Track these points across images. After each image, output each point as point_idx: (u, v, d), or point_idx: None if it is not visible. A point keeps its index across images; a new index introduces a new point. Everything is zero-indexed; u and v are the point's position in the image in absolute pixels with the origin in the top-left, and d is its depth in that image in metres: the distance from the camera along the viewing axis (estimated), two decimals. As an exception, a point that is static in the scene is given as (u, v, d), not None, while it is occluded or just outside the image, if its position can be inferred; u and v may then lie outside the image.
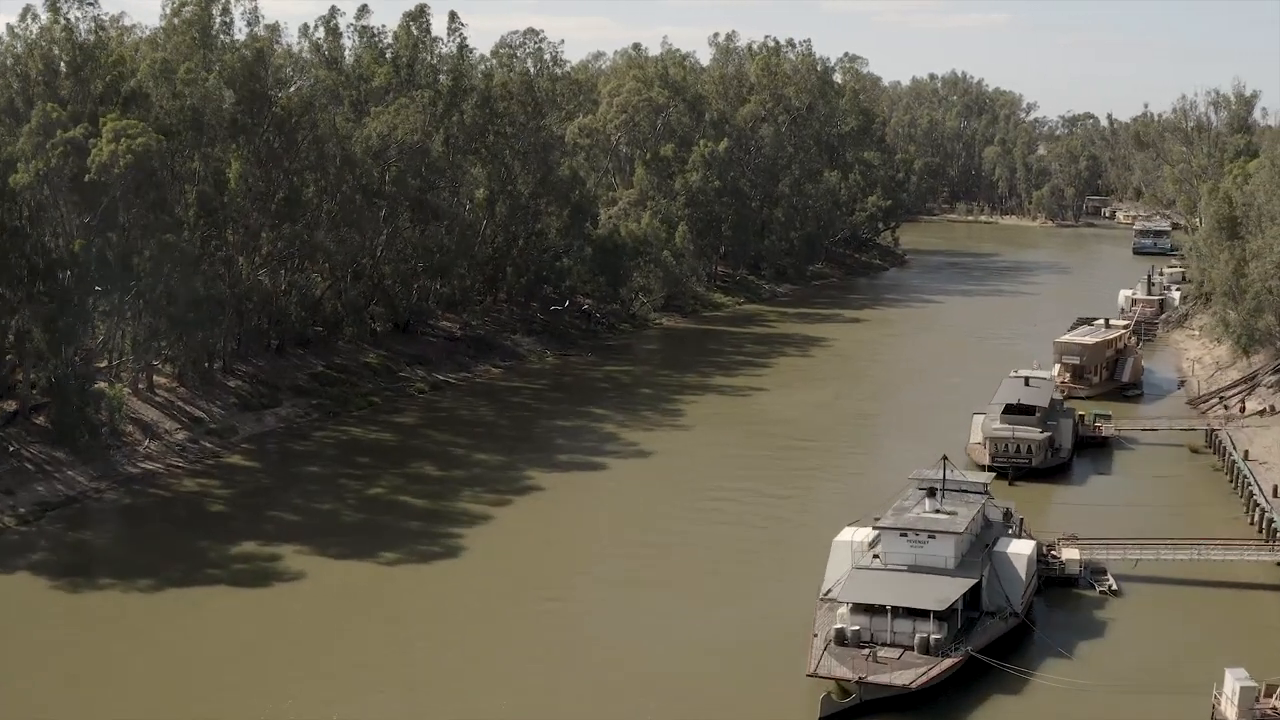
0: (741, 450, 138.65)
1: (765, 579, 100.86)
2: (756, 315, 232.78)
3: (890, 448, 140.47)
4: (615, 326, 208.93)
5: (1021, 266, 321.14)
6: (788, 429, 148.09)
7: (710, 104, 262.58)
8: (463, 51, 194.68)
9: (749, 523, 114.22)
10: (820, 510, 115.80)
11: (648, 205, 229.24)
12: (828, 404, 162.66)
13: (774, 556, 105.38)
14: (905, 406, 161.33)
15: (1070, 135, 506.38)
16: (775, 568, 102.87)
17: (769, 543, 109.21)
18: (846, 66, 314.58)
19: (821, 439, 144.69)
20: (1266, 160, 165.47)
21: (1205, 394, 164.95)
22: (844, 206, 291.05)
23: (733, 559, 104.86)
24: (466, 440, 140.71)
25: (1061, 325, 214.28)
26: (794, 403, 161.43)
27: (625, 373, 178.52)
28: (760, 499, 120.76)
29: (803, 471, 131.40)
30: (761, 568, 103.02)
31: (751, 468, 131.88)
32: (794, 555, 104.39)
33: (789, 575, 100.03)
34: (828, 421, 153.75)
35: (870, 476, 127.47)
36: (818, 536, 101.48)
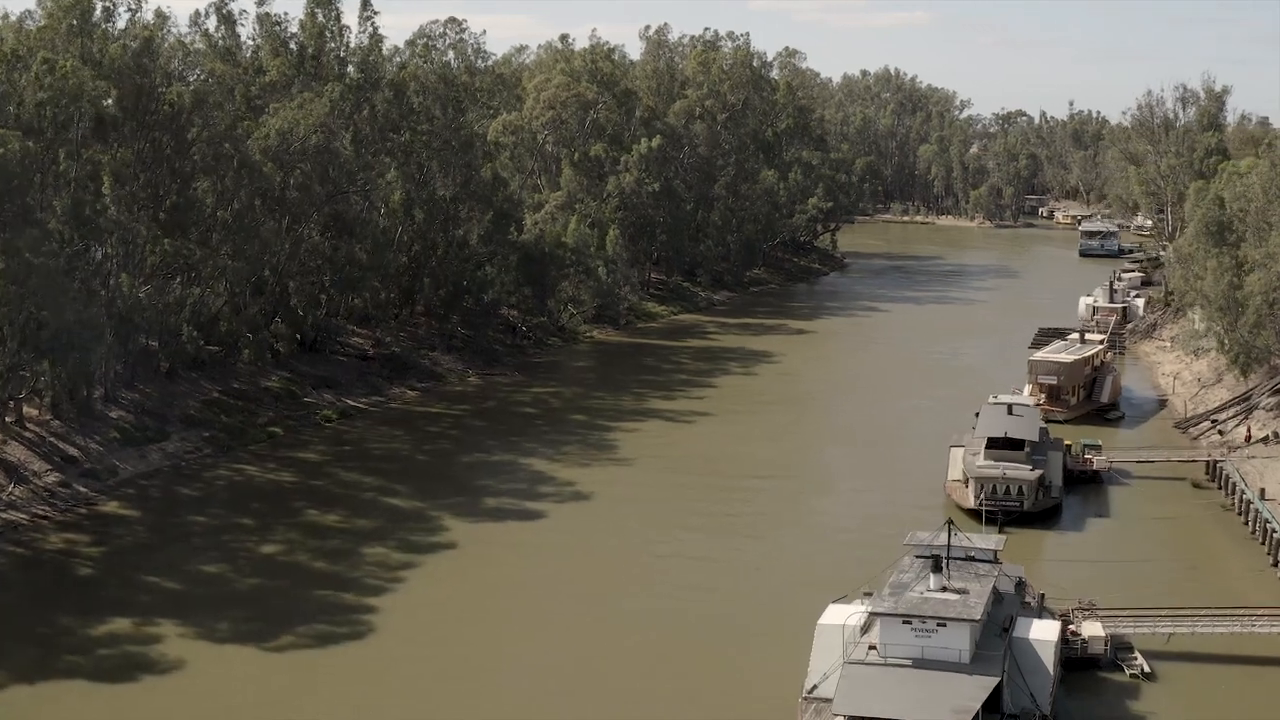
0: (690, 493, 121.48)
1: (732, 670, 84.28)
2: (694, 326, 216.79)
3: (860, 489, 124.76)
4: (543, 341, 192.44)
5: (966, 271, 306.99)
6: (739, 465, 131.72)
7: (641, 100, 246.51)
8: (375, 42, 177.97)
9: (707, 592, 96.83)
10: (791, 574, 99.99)
11: (576, 209, 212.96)
12: (781, 433, 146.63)
13: (741, 639, 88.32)
14: (868, 436, 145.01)
15: (1004, 133, 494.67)
16: (743, 653, 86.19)
17: (733, 620, 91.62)
18: (784, 61, 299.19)
19: (778, 477, 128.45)
20: (1266, 160, 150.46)
21: (1193, 416, 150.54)
22: (783, 208, 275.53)
23: (691, 643, 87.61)
24: (377, 481, 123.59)
25: (1021, 337, 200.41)
26: (743, 432, 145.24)
27: (555, 395, 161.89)
28: (718, 559, 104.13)
29: (763, 520, 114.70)
30: (726, 654, 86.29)
31: (704, 516, 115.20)
32: (765, 637, 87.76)
33: (761, 663, 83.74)
34: (783, 455, 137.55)
35: (843, 526, 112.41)
36: (793, 610, 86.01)
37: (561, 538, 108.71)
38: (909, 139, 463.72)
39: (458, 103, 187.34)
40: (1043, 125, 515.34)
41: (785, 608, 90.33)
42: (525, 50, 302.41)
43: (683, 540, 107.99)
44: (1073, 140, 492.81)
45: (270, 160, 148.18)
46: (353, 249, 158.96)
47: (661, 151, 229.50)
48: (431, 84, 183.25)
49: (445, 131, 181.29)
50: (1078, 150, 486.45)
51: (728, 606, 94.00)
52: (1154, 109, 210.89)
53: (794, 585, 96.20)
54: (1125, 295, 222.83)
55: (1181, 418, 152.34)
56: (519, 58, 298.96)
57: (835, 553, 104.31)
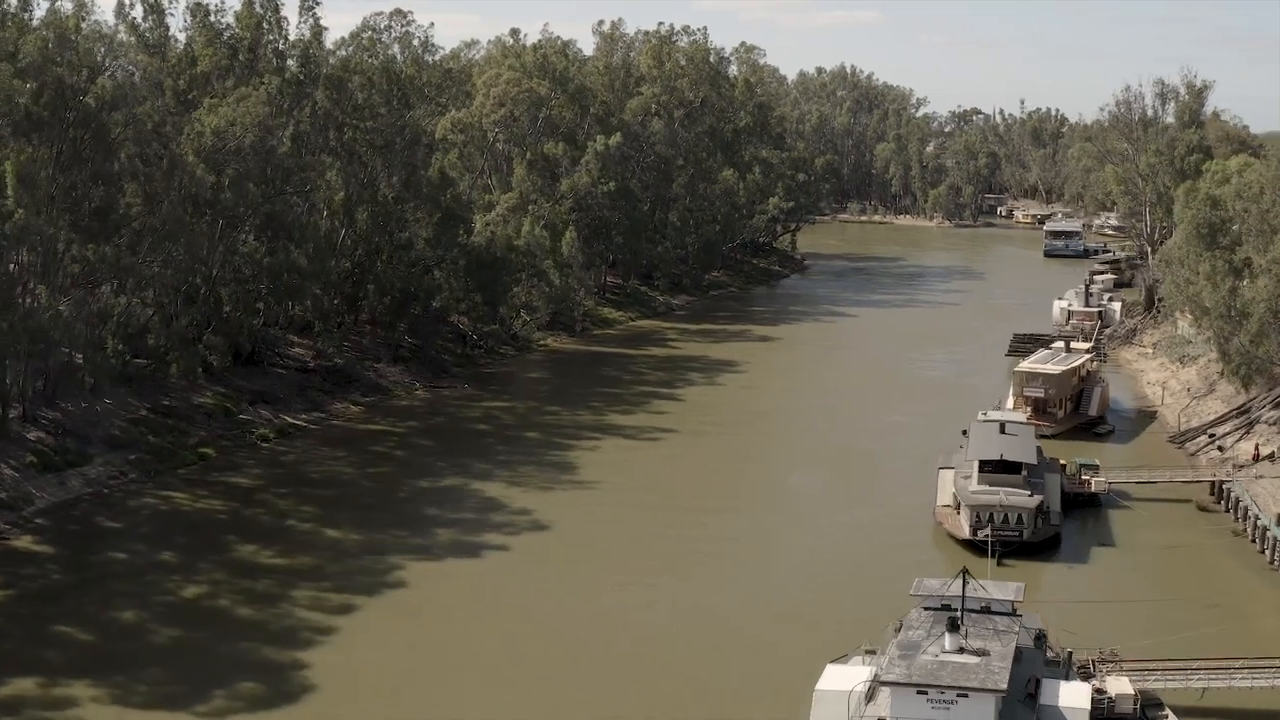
0: (656, 525, 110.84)
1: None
2: (653, 333, 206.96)
3: (841, 518, 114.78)
4: (495, 350, 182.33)
5: (930, 272, 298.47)
6: (708, 491, 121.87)
7: (596, 97, 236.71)
8: (316, 34, 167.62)
9: (680, 648, 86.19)
10: (775, 625, 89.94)
11: (529, 210, 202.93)
12: (751, 453, 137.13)
13: (724, 706, 77.90)
14: (845, 456, 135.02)
15: (962, 131, 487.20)
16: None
17: (713, 683, 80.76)
18: (742, 57, 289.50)
19: (751, 505, 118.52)
20: (1275, 159, 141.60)
21: (1188, 430, 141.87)
22: (742, 209, 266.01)
23: (667, 711, 77.42)
24: (315, 510, 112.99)
25: (995, 343, 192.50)
26: (711, 452, 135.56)
27: (508, 410, 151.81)
28: (690, 606, 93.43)
29: (738, 558, 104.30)
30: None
31: (672, 553, 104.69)
32: (753, 703, 77.36)
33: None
34: (755, 479, 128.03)
35: (826, 563, 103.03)
36: (783, 671, 76.95)
37: (518, 580, 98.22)
38: (866, 137, 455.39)
39: (403, 98, 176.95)
40: (1000, 123, 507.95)
41: (773, 668, 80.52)
42: (475, 45, 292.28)
43: (650, 584, 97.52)
44: (1031, 138, 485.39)
45: (203, 160, 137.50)
46: (291, 254, 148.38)
47: (619, 150, 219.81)
48: (375, 78, 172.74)
49: (390, 129, 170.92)
50: (1037, 149, 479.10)
51: (705, 666, 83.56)
52: (1132, 105, 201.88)
53: (779, 638, 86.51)
54: (1101, 298, 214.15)
55: (1175, 431, 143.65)
56: (468, 53, 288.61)
57: (822, 597, 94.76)
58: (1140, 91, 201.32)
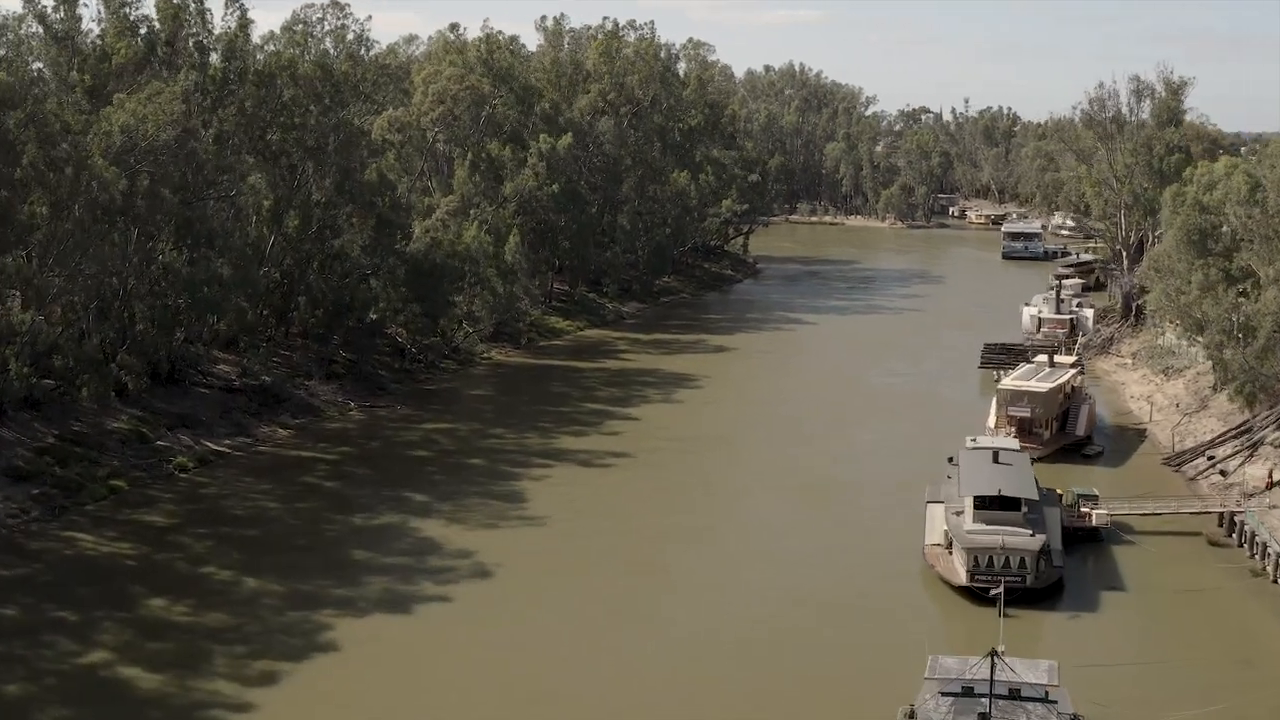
0: (615, 569, 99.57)
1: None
2: (603, 344, 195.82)
3: (817, 558, 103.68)
4: (435, 364, 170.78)
5: (887, 275, 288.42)
6: (670, 526, 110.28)
7: (542, 95, 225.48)
8: (244, 27, 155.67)
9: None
10: (758, 702, 78.91)
11: (471, 214, 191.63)
12: (713, 480, 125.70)
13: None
14: (816, 483, 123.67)
15: (913, 130, 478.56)
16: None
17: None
18: (691, 54, 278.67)
19: (718, 545, 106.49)
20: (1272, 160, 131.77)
21: (1184, 451, 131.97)
22: (694, 211, 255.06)
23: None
24: (235, 554, 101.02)
25: (965, 353, 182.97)
26: (669, 480, 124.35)
27: (449, 432, 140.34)
28: (656, 673, 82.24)
29: (706, 611, 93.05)
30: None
31: (634, 606, 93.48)
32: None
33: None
34: (719, 510, 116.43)
35: (808, 621, 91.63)
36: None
37: (459, 640, 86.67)
38: (815, 137, 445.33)
39: (337, 96, 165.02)
40: (951, 122, 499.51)
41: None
42: (415, 41, 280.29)
43: (611, 645, 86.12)
44: (984, 137, 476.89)
45: (113, 162, 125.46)
46: (213, 264, 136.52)
47: (567, 150, 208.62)
48: (307, 74, 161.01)
49: (322, 128, 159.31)
50: (989, 148, 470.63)
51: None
52: (1105, 103, 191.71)
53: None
54: (1072, 305, 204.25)
55: (1170, 452, 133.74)
56: (408, 49, 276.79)
57: (809, 662, 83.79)
58: (1115, 88, 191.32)
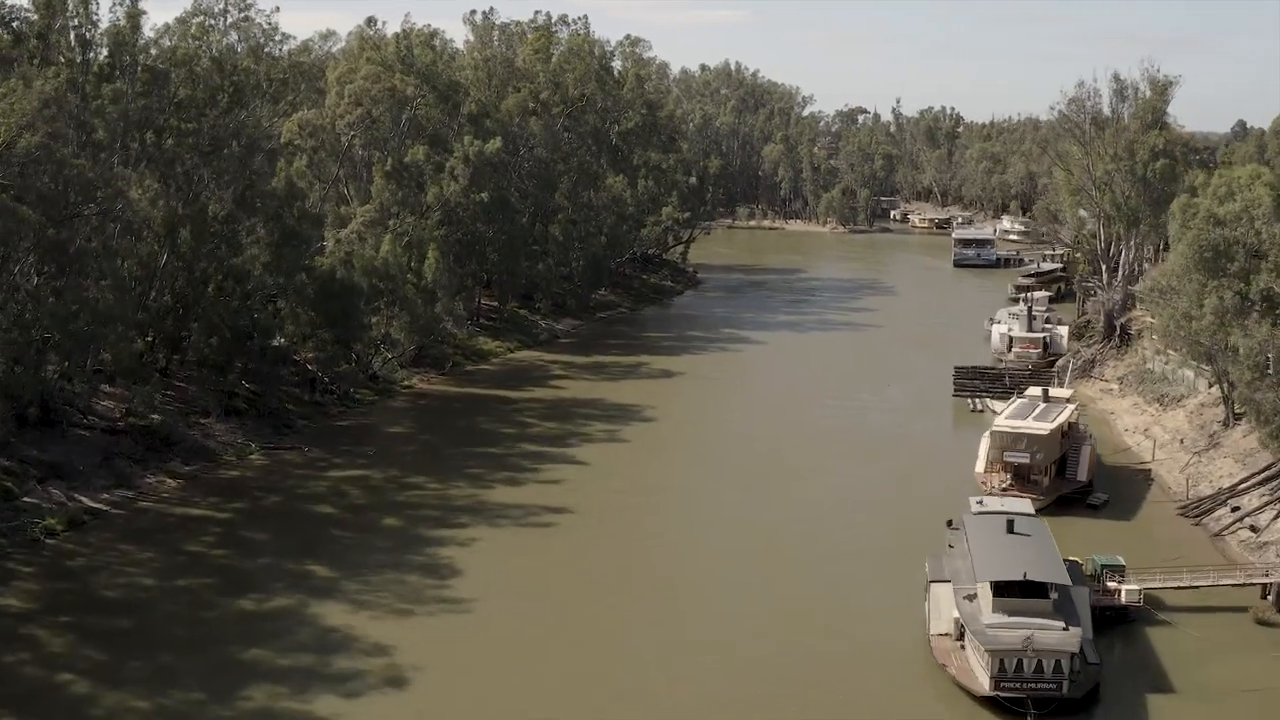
0: (559, 674, 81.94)
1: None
2: (536, 368, 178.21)
3: (798, 653, 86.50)
4: (349, 396, 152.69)
5: (835, 286, 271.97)
6: (619, 614, 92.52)
7: (468, 94, 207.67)
8: (134, 19, 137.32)
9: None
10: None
11: (390, 225, 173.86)
12: (671, 545, 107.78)
13: None
14: (790, 548, 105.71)
15: (851, 131, 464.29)
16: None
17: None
18: (627, 51, 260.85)
19: (677, 635, 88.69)
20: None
21: (1201, 499, 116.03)
22: (631, 219, 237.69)
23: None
24: (96, 655, 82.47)
25: (933, 378, 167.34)
26: (617, 546, 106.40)
27: (361, 481, 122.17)
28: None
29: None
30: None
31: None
32: None
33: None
34: (674, 589, 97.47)
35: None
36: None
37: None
38: (752, 138, 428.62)
39: (239, 96, 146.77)
40: (892, 122, 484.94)
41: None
42: (333, 37, 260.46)
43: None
44: (926, 138, 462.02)
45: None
46: (87, 292, 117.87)
47: (495, 154, 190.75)
48: (204, 72, 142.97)
49: (222, 131, 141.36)
50: (932, 149, 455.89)
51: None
52: (1084, 104, 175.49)
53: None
54: (1044, 322, 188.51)
55: (1184, 500, 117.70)
56: (324, 45, 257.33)
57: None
58: (1095, 88, 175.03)
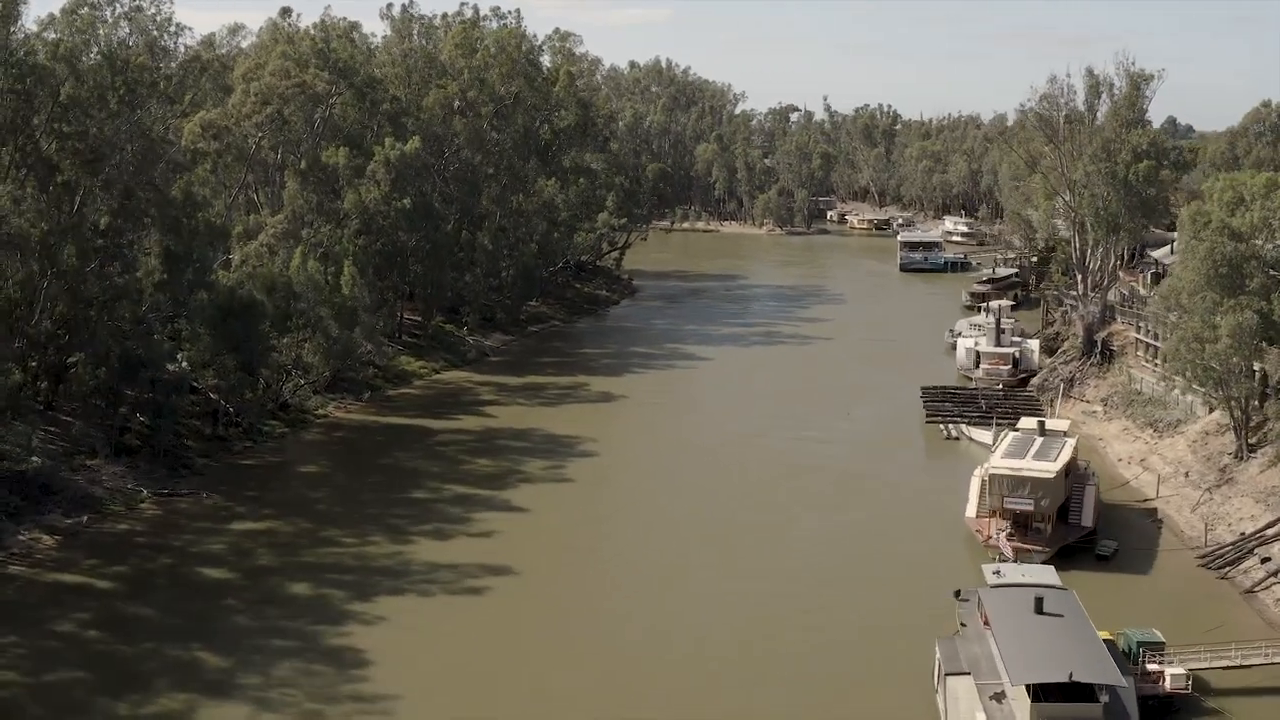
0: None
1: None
2: (464, 391, 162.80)
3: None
4: (256, 428, 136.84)
5: (779, 294, 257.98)
6: (575, 709, 78.14)
7: (388, 92, 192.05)
8: (10, 9, 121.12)
9: None
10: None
11: (304, 235, 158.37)
12: (624, 620, 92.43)
13: None
14: (764, 640, 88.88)
15: (784, 130, 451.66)
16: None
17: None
18: (557, 46, 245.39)
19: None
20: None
21: (1223, 546, 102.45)
22: (563, 225, 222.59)
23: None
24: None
25: (899, 402, 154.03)
26: (566, 621, 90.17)
27: (266, 536, 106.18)
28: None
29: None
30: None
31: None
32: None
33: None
34: (641, 682, 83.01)
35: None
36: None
37: None
38: (684, 137, 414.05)
39: (131, 95, 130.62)
40: (826, 121, 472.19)
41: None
42: (242, 31, 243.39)
43: None
44: (863, 137, 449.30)
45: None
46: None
47: (417, 156, 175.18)
48: (91, 68, 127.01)
49: (113, 134, 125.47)
50: (869, 148, 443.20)
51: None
52: (1057, 100, 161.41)
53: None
54: (1013, 335, 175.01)
55: (1203, 547, 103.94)
56: (233, 40, 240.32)
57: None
58: (1070, 83, 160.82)
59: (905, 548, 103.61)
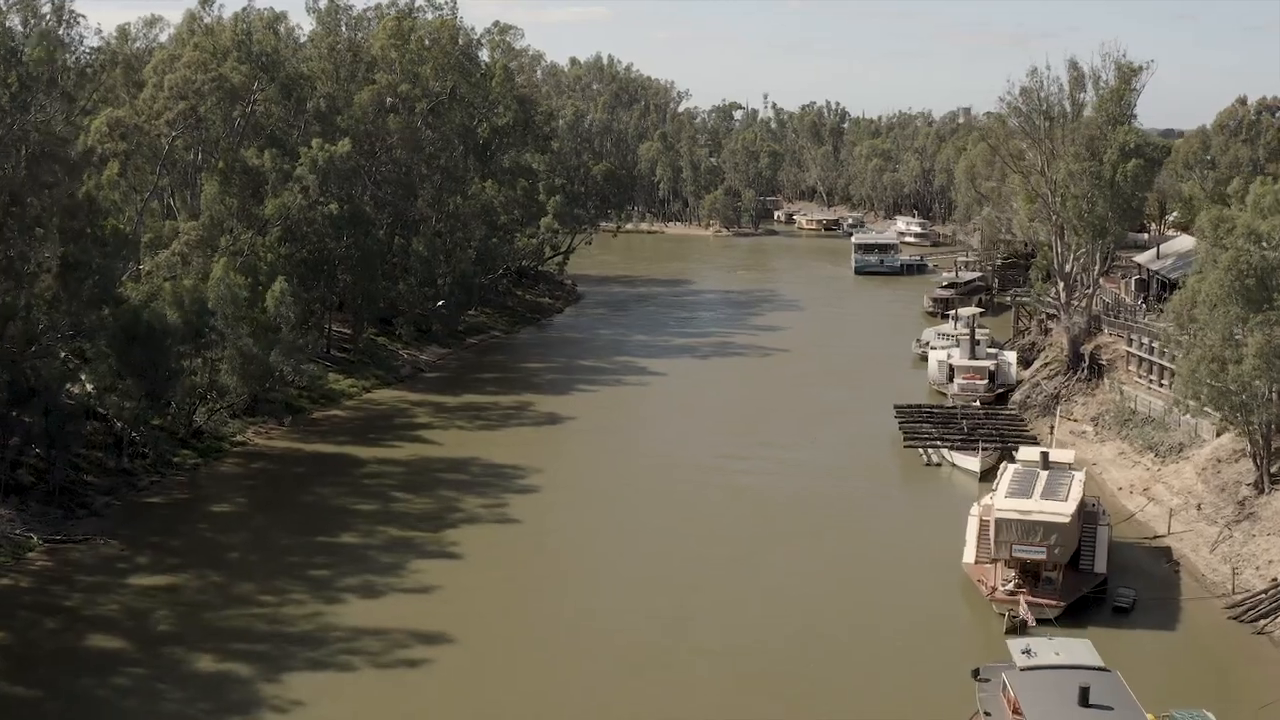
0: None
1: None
2: (398, 413, 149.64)
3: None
4: (166, 459, 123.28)
5: (730, 300, 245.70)
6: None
7: (316, 88, 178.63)
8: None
9: None
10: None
11: (223, 243, 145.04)
12: (578, 695, 79.61)
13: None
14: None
15: (728, 129, 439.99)
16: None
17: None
18: (496, 40, 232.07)
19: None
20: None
21: (1256, 595, 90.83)
22: (504, 229, 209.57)
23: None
24: None
25: (859, 421, 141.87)
26: (512, 706, 78.30)
27: (170, 594, 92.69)
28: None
29: None
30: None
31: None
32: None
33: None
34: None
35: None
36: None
37: None
38: (627, 136, 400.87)
39: (25, 92, 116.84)
40: (772, 119, 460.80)
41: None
42: (159, 23, 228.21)
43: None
44: (810, 135, 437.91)
45: None
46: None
47: (346, 157, 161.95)
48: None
49: (4, 134, 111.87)
50: (816, 146, 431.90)
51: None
52: (1038, 96, 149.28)
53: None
54: (989, 346, 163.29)
55: (1231, 594, 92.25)
56: (150, 32, 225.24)
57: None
58: (1053, 75, 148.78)
59: (899, 601, 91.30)
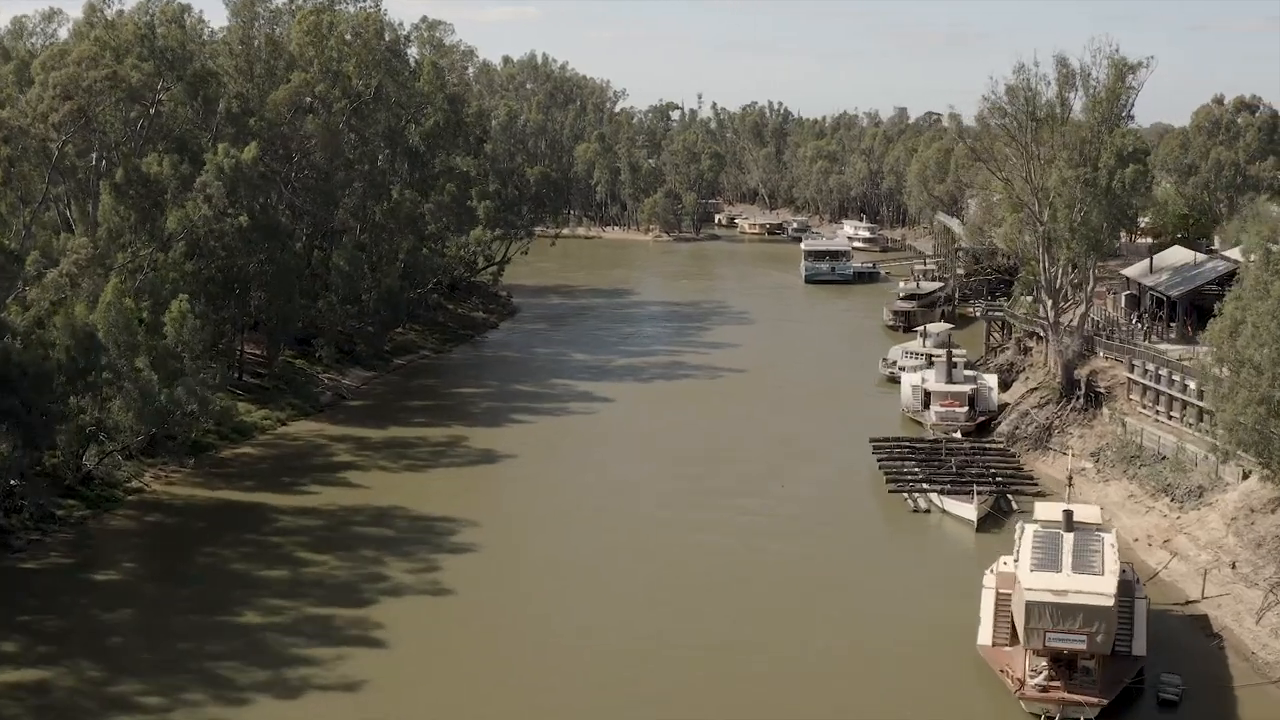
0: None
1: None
2: (316, 450, 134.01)
3: None
4: (49, 514, 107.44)
5: (676, 313, 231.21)
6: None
7: (227, 87, 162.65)
8: None
9: None
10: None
11: (119, 259, 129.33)
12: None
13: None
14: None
15: (665, 128, 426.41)
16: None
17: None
18: (425, 36, 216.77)
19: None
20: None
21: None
22: (433, 239, 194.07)
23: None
24: None
25: (828, 458, 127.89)
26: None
27: (35, 693, 76.49)
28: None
29: None
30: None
31: None
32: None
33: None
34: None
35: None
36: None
37: None
38: (562, 137, 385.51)
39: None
40: (712, 119, 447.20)
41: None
42: (59, 17, 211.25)
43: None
44: (752, 136, 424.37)
45: None
46: None
47: (257, 163, 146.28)
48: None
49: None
50: (758, 148, 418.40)
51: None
52: (1024, 95, 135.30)
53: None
54: (965, 369, 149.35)
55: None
56: (49, 27, 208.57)
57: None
58: (1042, 73, 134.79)
59: (907, 695, 76.61)
